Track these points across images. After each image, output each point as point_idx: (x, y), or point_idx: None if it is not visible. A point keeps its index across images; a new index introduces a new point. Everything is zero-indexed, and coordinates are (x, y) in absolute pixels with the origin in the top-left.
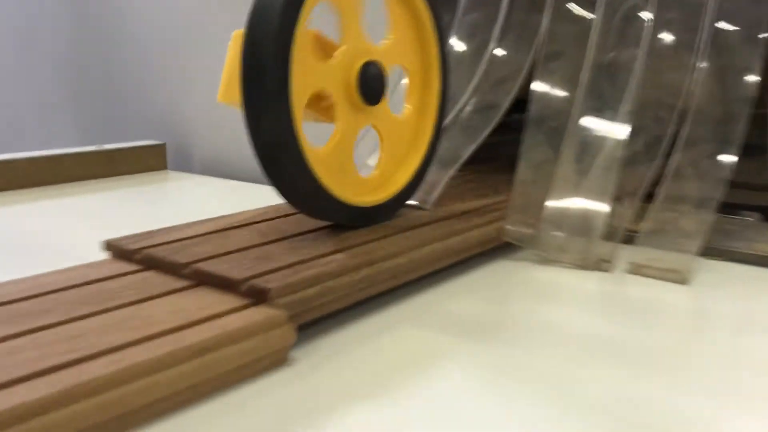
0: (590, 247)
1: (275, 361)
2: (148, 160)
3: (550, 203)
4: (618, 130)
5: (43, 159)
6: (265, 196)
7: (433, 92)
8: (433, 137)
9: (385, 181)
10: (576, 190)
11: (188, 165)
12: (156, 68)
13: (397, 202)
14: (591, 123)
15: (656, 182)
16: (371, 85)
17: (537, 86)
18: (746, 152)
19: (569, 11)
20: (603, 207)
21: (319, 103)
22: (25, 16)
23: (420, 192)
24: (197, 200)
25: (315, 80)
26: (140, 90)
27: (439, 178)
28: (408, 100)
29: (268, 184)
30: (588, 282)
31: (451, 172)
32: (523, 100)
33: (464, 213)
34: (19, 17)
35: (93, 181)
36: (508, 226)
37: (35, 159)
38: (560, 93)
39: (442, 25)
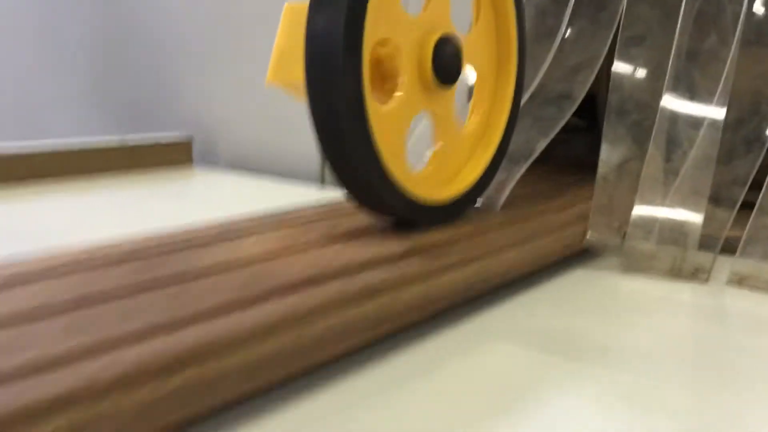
0: (684, 256)
1: None
2: (173, 155)
3: (638, 207)
4: (711, 125)
5: (63, 150)
6: (292, 194)
7: (510, 70)
8: (509, 125)
9: (447, 178)
10: (666, 193)
11: (214, 161)
12: (182, 59)
13: (465, 201)
14: (680, 117)
15: (758, 184)
16: (448, 62)
17: (617, 75)
18: None
19: None
20: (698, 211)
21: (383, 85)
22: (48, 4)
23: (487, 191)
24: (223, 198)
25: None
26: (166, 81)
27: (509, 176)
28: (480, 81)
29: (297, 182)
30: (682, 294)
31: (523, 168)
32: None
33: (535, 217)
34: (42, 4)
35: (114, 176)
36: (591, 231)
37: (55, 150)
38: (643, 82)
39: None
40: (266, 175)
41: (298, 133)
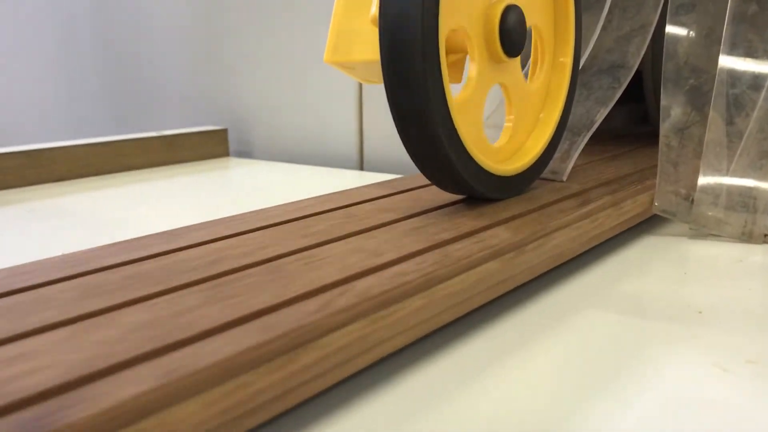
0: (755, 219)
1: None
2: (209, 147)
3: (704, 171)
4: None
5: (101, 145)
6: (336, 179)
7: (569, 40)
8: (569, 92)
9: (515, 150)
10: (732, 156)
11: (250, 151)
12: (215, 50)
13: (533, 172)
14: (739, 80)
15: None
16: (514, 33)
17: (670, 42)
18: None
19: None
20: (766, 174)
21: (447, 59)
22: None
23: (552, 161)
24: (262, 187)
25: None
26: (199, 73)
27: (572, 146)
28: (539, 47)
29: (332, 167)
30: (755, 256)
31: (586, 138)
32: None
33: (600, 186)
34: (69, 3)
35: (152, 169)
36: (659, 199)
37: (93, 146)
38: (698, 48)
39: None
40: (302, 163)
41: (333, 121)
